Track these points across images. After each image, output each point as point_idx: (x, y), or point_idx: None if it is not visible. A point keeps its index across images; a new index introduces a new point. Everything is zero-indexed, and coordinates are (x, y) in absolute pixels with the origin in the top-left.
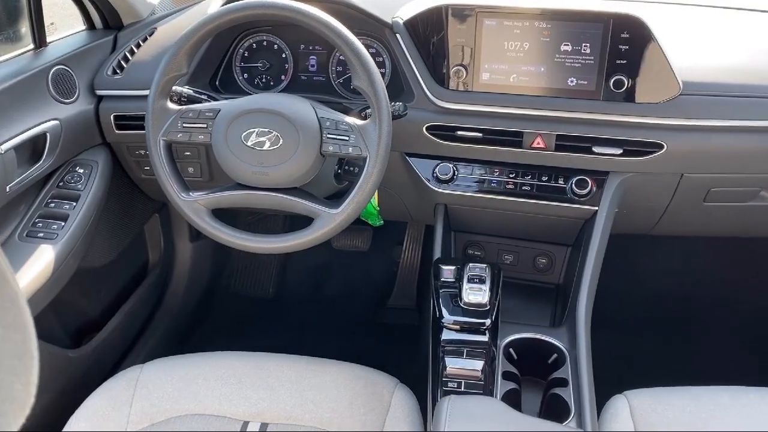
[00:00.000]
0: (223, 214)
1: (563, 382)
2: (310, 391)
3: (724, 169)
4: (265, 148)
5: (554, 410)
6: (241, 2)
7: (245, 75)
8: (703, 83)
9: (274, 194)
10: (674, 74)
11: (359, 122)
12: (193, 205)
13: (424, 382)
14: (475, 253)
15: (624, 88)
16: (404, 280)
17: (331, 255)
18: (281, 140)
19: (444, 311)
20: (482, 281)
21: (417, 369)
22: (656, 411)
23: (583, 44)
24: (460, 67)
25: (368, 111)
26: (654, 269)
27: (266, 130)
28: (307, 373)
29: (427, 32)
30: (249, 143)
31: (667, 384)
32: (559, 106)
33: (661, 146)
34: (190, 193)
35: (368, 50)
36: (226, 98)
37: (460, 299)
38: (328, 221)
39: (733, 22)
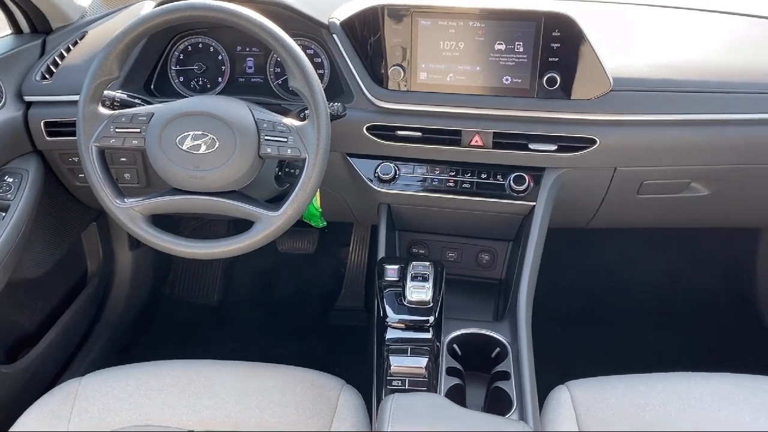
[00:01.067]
0: (166, 221)
1: (506, 376)
2: (254, 396)
3: (655, 162)
4: (200, 151)
5: (497, 403)
6: (173, 4)
7: (181, 78)
8: (632, 79)
9: (211, 198)
10: (605, 71)
11: (297, 123)
12: (129, 212)
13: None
14: (419, 251)
15: (557, 86)
16: (352, 282)
17: (276, 259)
18: (217, 143)
19: (388, 310)
20: (425, 279)
21: (366, 369)
22: (597, 400)
23: (517, 43)
24: (398, 67)
25: (307, 112)
26: (594, 262)
27: (201, 133)
28: (251, 378)
29: (364, 32)
30: (184, 147)
31: (610, 373)
32: (496, 105)
33: (593, 141)
34: (125, 200)
35: (306, 51)
36: (160, 102)
37: (404, 298)
38: (269, 224)
39: (661, 19)
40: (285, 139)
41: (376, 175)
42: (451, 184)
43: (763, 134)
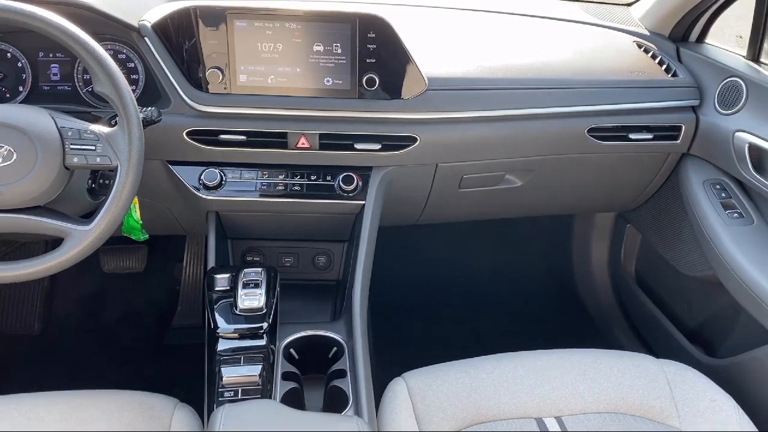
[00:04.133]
0: None
1: (342, 373)
2: (77, 427)
3: (472, 157)
4: None
5: (335, 402)
6: None
7: None
8: (447, 78)
9: (12, 215)
10: (420, 71)
11: (106, 130)
12: None
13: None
14: (254, 258)
15: (376, 86)
16: (188, 298)
17: (102, 280)
18: (15, 155)
19: (220, 321)
20: (257, 285)
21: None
22: (431, 387)
23: (334, 44)
24: (216, 70)
25: (118, 118)
26: (428, 256)
27: None
28: (74, 408)
29: (179, 35)
30: None
31: (448, 361)
32: (319, 106)
33: (414, 139)
34: None
35: (117, 56)
36: None
37: (236, 306)
38: (80, 240)
39: (472, 22)
40: (93, 147)
41: (201, 182)
42: (280, 187)
43: (564, 126)
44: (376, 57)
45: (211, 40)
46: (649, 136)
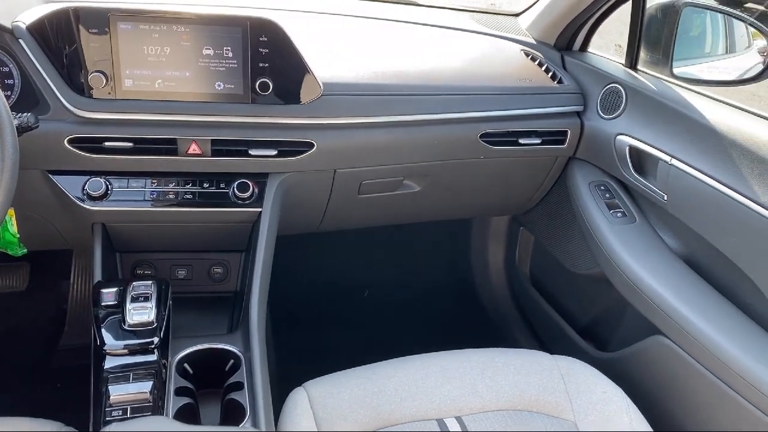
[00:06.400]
0: None
1: (239, 386)
2: None
3: (369, 162)
4: None
5: (232, 415)
6: None
7: None
8: (342, 84)
9: None
10: (315, 76)
11: None
12: None
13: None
14: (145, 272)
15: (270, 91)
16: (76, 317)
17: None
18: None
19: (107, 337)
20: (147, 299)
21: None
22: (332, 395)
23: (225, 48)
24: (99, 74)
25: None
26: (330, 264)
27: None
28: None
29: (57, 37)
30: None
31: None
32: (211, 111)
33: (311, 145)
34: None
35: None
36: None
37: (125, 322)
38: None
39: (366, 29)
40: None
41: (85, 192)
42: (171, 196)
43: (457, 132)
44: (269, 61)
45: (93, 43)
46: (538, 140)
